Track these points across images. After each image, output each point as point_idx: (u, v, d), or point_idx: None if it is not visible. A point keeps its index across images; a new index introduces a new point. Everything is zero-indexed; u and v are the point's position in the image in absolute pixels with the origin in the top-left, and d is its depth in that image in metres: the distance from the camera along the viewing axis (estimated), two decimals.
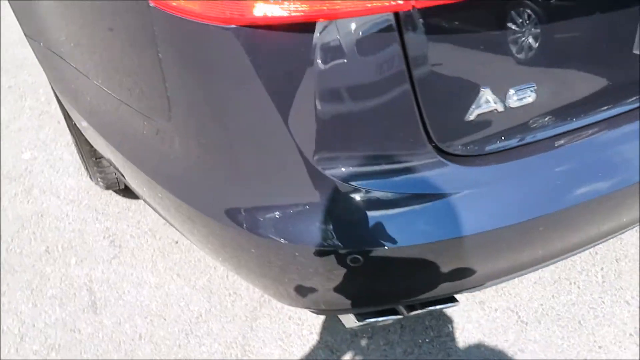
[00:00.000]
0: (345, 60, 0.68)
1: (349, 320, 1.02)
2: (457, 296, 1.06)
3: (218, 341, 1.45)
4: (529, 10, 0.75)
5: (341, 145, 0.75)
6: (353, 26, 0.66)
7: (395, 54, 0.69)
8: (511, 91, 0.79)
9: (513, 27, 0.76)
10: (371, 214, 0.77)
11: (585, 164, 0.84)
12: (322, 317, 1.48)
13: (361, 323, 1.01)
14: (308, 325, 1.47)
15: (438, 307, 1.02)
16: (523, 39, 0.77)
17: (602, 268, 1.59)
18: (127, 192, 1.74)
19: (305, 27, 0.64)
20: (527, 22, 0.76)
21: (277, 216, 0.80)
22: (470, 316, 1.49)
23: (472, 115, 0.78)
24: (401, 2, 0.64)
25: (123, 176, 1.26)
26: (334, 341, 1.44)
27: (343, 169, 0.76)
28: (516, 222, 0.80)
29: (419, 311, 1.01)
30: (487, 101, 0.78)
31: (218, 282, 1.57)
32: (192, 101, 0.76)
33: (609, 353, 1.40)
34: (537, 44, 0.78)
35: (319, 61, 0.67)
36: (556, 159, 0.82)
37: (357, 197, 0.77)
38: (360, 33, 0.67)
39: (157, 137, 0.86)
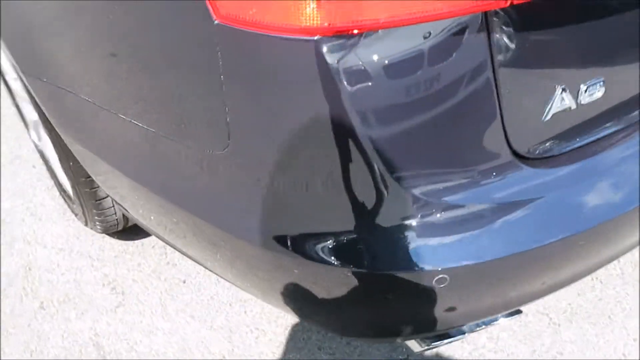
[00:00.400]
0: (435, 66, 0.63)
1: (415, 345, 0.96)
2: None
3: None
4: (598, 2, 0.72)
5: (424, 160, 0.70)
6: (444, 28, 0.61)
7: (483, 55, 0.65)
8: (582, 87, 0.76)
9: (583, 20, 0.74)
10: (459, 228, 0.72)
11: None
12: (353, 346, 1.41)
13: (427, 347, 0.96)
14: (340, 353, 1.40)
15: (502, 319, 0.97)
16: (592, 32, 0.74)
17: (619, 260, 1.59)
18: (122, 234, 1.62)
19: (397, 32, 0.59)
20: (597, 14, 0.74)
21: (353, 241, 0.74)
22: (502, 324, 1.45)
23: (547, 115, 0.75)
24: None
25: (128, 211, 1.17)
26: None
27: (426, 186, 0.70)
28: (599, 223, 0.77)
29: (483, 327, 0.97)
30: (562, 99, 0.75)
31: (236, 320, 1.48)
32: (258, 128, 0.69)
33: None
34: (604, 37, 0.76)
35: (412, 68, 0.62)
36: (630, 152, 0.80)
37: (443, 212, 0.72)
38: (451, 35, 0.62)
39: (201, 168, 0.78)
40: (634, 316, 1.46)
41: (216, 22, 0.62)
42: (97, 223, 1.44)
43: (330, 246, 0.74)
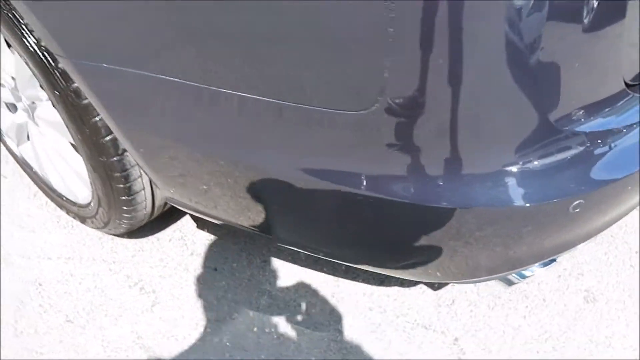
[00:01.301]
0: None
1: (513, 278, 1.03)
2: None
3: (312, 356, 1.36)
4: None
5: (568, 96, 0.75)
6: None
7: None
8: None
9: None
10: (592, 154, 0.79)
11: None
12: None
13: (521, 280, 1.03)
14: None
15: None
16: None
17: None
18: (132, 233, 1.53)
19: None
20: None
21: (497, 179, 0.79)
22: None
23: None
24: None
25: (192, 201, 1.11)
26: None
27: (571, 118, 0.76)
28: None
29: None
30: None
31: (282, 296, 1.47)
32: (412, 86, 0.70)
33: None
34: None
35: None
36: None
37: (582, 141, 0.78)
38: None
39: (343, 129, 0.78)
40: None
41: None
42: (124, 221, 1.36)
43: (489, 187, 0.78)
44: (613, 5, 0.72)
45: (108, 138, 1.14)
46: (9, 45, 1.26)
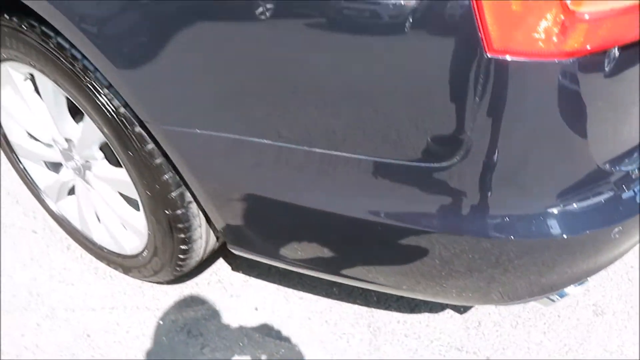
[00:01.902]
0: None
1: (546, 302, 1.18)
2: None
3: None
4: None
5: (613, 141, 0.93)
6: None
7: None
8: None
9: None
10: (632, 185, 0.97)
11: None
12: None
13: (561, 298, 1.18)
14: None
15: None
16: None
17: None
18: (171, 280, 1.60)
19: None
20: None
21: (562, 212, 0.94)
22: None
23: None
24: None
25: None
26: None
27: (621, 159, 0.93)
28: None
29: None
30: None
31: (321, 330, 1.56)
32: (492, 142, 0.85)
33: None
34: None
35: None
36: None
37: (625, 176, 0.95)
38: None
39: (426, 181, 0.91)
40: None
41: (488, 54, 0.77)
42: (177, 268, 1.44)
43: (547, 221, 0.93)
44: None
45: (176, 193, 1.23)
46: (74, 113, 1.34)
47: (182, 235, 1.32)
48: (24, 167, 1.63)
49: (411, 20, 0.78)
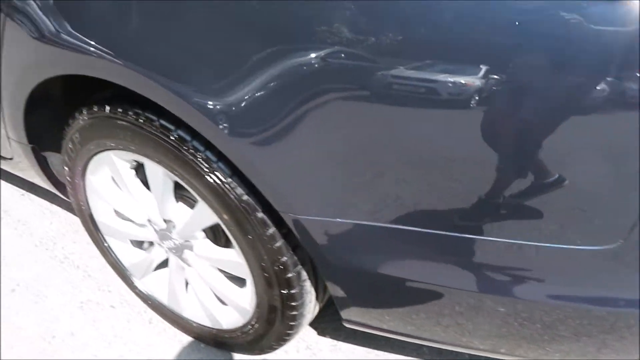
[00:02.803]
0: None
1: None
2: None
3: None
4: None
5: None
6: None
7: None
8: None
9: None
10: None
11: None
12: None
13: None
14: None
15: None
16: None
17: None
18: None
19: None
20: None
21: None
22: None
23: None
24: None
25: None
26: None
27: None
28: None
29: None
30: None
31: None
32: None
33: None
34: None
35: None
36: None
37: None
38: None
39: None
40: None
41: None
42: (284, 339, 1.42)
43: None
44: None
45: (293, 273, 1.23)
46: (179, 198, 1.34)
47: (294, 313, 1.32)
48: (108, 246, 1.61)
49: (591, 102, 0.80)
